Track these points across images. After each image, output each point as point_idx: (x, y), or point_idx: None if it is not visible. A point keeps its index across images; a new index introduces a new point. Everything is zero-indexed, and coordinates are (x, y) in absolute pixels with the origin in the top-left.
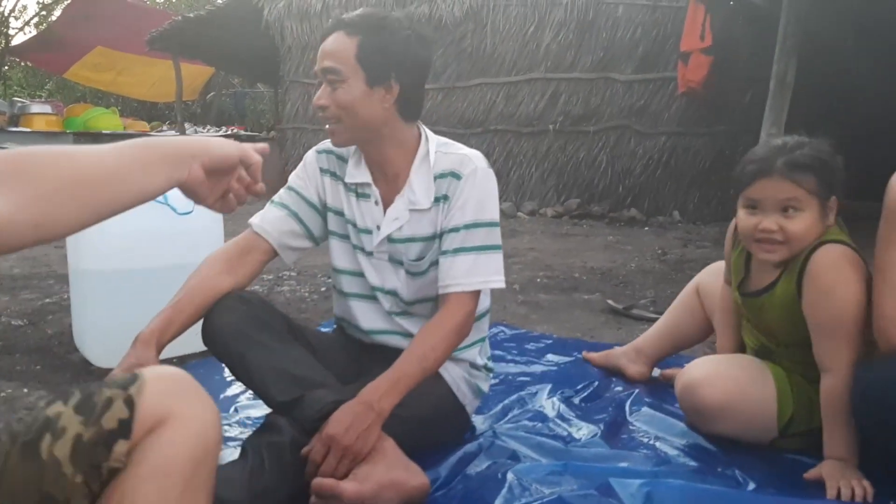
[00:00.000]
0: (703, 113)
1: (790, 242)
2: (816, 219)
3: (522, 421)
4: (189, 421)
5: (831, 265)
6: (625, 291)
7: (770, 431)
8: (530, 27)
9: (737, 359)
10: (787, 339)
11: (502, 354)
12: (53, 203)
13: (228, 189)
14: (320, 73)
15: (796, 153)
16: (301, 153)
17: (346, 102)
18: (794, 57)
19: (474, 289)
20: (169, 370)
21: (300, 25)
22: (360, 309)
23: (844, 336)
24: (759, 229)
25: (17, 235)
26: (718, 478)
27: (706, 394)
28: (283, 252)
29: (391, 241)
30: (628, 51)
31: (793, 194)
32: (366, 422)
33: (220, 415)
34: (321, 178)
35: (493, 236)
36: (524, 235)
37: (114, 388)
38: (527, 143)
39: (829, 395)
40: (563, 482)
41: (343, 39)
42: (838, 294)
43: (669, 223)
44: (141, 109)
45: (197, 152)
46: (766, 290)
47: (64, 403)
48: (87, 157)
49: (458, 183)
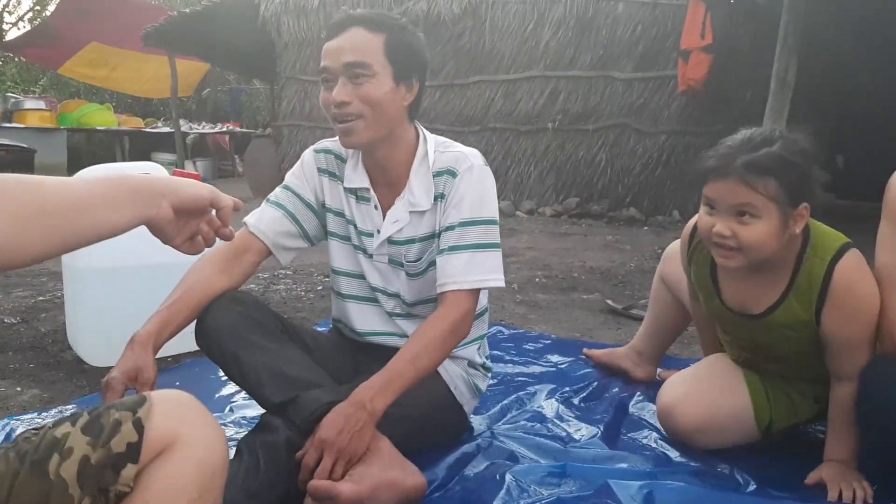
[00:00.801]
0: (703, 111)
1: (745, 250)
2: (776, 227)
3: (521, 421)
4: (196, 445)
5: (853, 285)
6: (624, 291)
7: (752, 436)
8: (529, 24)
9: (710, 372)
10: (781, 355)
11: (501, 355)
12: (16, 227)
13: (197, 231)
14: (341, 69)
15: (759, 153)
16: (297, 150)
17: (374, 98)
18: (795, 55)
19: (471, 287)
20: (175, 393)
21: (297, 21)
22: (356, 311)
23: (867, 344)
24: (713, 233)
25: None
26: (718, 479)
27: (681, 417)
28: (277, 252)
29: (391, 242)
30: (628, 49)
31: (748, 199)
32: (358, 423)
33: (226, 437)
34: (319, 177)
35: (490, 234)
36: (522, 235)
37: (122, 410)
38: (525, 141)
39: (843, 401)
40: (562, 483)
41: (366, 35)
42: (869, 306)
43: (669, 222)
44: (136, 106)
45: (167, 191)
46: (766, 314)
47: (72, 424)
48: (56, 187)
49: (454, 180)
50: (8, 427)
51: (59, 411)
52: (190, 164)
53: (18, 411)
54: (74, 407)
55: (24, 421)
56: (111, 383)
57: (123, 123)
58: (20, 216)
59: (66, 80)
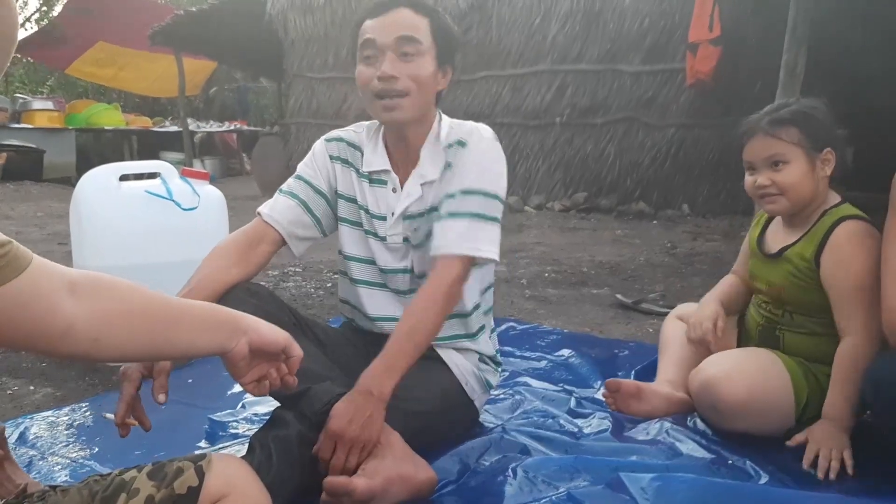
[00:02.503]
0: (712, 104)
1: (786, 193)
2: (806, 169)
3: (532, 416)
4: (248, 500)
5: (851, 236)
6: (633, 286)
7: (788, 420)
8: (536, 18)
9: (751, 353)
10: (793, 303)
11: (511, 350)
12: (115, 325)
13: (266, 375)
14: (393, 43)
15: (780, 111)
16: (305, 148)
17: (422, 76)
18: (804, 47)
19: (464, 253)
20: (230, 455)
21: (303, 19)
22: (368, 295)
23: (862, 301)
24: (756, 186)
25: (72, 343)
26: (730, 470)
27: (727, 391)
28: (291, 242)
29: (406, 218)
30: (636, 42)
31: (776, 150)
32: (368, 410)
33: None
34: (332, 164)
35: (490, 206)
36: (531, 230)
37: (184, 460)
38: (533, 136)
39: (844, 355)
40: (574, 477)
41: (414, 15)
42: (857, 263)
43: (678, 216)
44: (143, 105)
45: (249, 330)
46: (780, 253)
47: (138, 471)
48: (160, 298)
49: (462, 150)
50: (22, 426)
51: (71, 409)
52: (198, 163)
53: (32, 410)
54: (87, 405)
55: (37, 419)
56: (127, 372)
57: (131, 123)
58: (123, 315)
59: (73, 81)
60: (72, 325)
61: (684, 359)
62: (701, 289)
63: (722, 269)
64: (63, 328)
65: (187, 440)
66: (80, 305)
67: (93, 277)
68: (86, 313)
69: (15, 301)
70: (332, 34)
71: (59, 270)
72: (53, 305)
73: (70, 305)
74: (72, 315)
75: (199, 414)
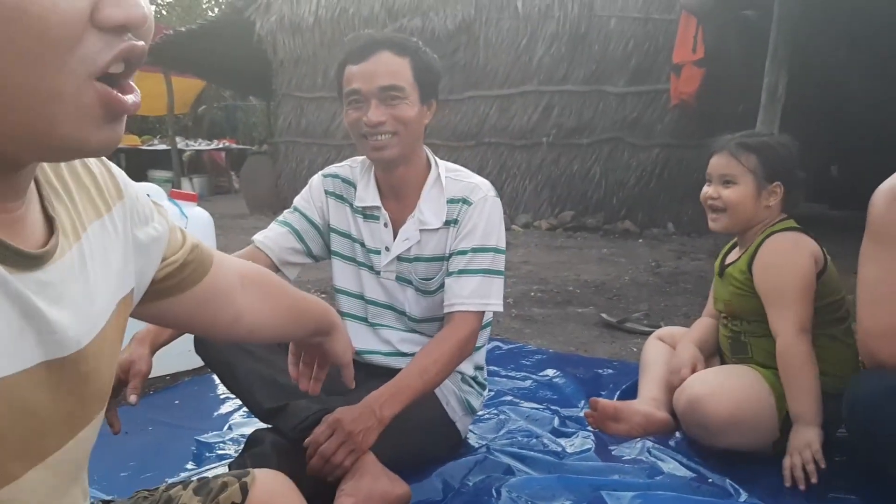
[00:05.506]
0: (695, 125)
1: (728, 210)
2: (751, 194)
3: (516, 436)
4: None
5: (777, 244)
6: (618, 304)
7: (773, 433)
8: (523, 40)
9: (733, 370)
10: (743, 312)
11: (497, 369)
12: (268, 317)
13: (319, 378)
14: (376, 92)
15: (749, 139)
16: (293, 166)
17: (409, 118)
18: (785, 68)
19: (478, 309)
20: (274, 472)
21: (292, 39)
22: (355, 330)
23: (785, 304)
24: (706, 196)
25: (235, 331)
26: (710, 488)
27: (713, 408)
28: (283, 267)
29: (400, 259)
30: (621, 63)
31: (732, 170)
32: (369, 422)
33: None
34: (326, 199)
35: (498, 261)
36: (518, 248)
37: (228, 476)
38: (520, 155)
39: (780, 357)
40: (556, 496)
41: (394, 59)
42: (779, 269)
43: (664, 235)
44: (132, 123)
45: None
46: (728, 266)
47: (183, 487)
48: (294, 293)
49: (469, 209)
50: None
51: None
52: (186, 181)
53: None
54: None
55: None
56: None
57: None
58: (275, 309)
59: None
60: (241, 316)
61: (665, 378)
62: (685, 307)
63: (706, 289)
64: (233, 318)
65: (174, 462)
66: (247, 298)
67: (255, 271)
68: (251, 306)
69: (203, 298)
70: (320, 54)
71: (234, 266)
72: (230, 301)
73: (240, 298)
74: (241, 307)
75: (185, 435)
